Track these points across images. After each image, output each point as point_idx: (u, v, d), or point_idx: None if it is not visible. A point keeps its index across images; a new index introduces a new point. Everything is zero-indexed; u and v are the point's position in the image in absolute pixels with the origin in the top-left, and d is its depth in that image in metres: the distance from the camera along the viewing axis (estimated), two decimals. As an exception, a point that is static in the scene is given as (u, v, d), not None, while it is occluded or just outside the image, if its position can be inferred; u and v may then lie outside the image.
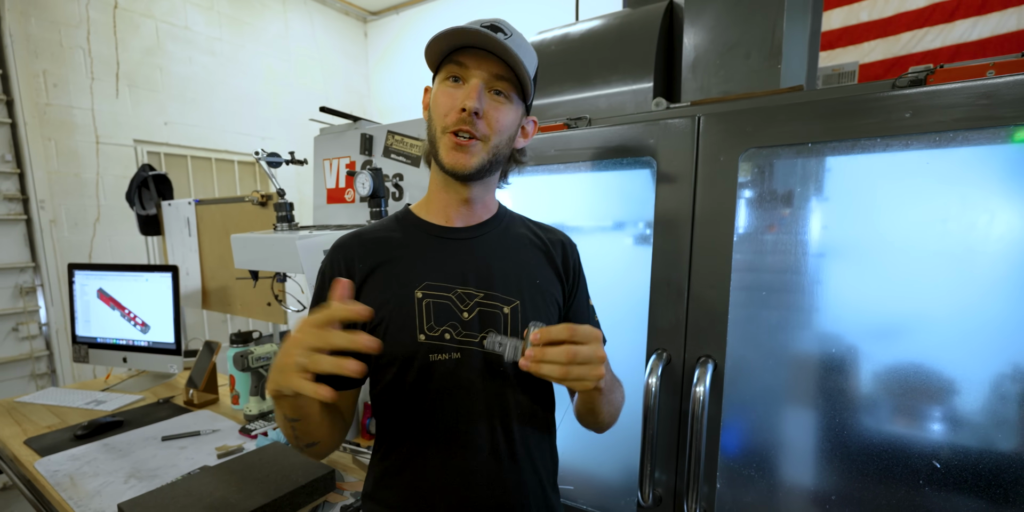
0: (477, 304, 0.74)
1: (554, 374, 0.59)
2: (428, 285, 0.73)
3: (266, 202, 1.88)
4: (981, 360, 0.76)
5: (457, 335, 0.73)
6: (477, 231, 0.79)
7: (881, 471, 0.83)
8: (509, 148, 0.76)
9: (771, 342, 0.93)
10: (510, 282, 0.76)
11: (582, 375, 0.59)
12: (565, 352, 0.58)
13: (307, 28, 4.25)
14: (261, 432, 1.43)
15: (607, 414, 0.78)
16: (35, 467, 1.28)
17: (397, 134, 1.47)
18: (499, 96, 0.70)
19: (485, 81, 0.69)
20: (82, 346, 1.97)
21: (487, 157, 0.71)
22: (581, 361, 0.59)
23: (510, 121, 0.72)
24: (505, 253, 0.79)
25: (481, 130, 0.69)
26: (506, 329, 0.74)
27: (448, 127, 0.69)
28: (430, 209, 0.80)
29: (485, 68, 0.68)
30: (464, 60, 0.69)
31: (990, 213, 0.74)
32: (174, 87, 3.36)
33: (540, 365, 0.59)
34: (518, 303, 0.75)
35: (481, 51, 0.68)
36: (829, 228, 0.87)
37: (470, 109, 0.67)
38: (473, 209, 0.79)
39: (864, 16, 2.50)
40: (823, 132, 0.83)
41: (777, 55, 1.09)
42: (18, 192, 2.70)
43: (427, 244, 0.77)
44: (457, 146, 0.69)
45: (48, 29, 2.77)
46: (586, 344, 0.60)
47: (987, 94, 0.70)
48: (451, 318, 0.73)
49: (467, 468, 0.73)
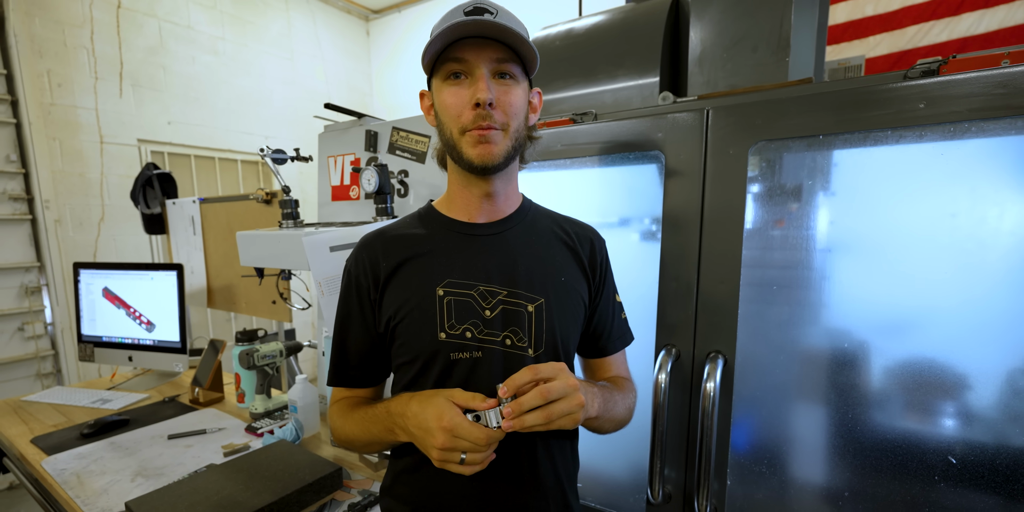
0: (500, 302, 0.73)
1: (539, 421, 0.60)
2: (450, 282, 0.73)
3: (271, 200, 1.88)
4: (994, 354, 0.75)
5: (479, 333, 0.72)
6: (501, 227, 0.78)
7: (895, 467, 0.82)
8: (526, 128, 0.75)
9: (781, 337, 0.92)
10: (534, 279, 0.75)
11: (564, 410, 0.60)
12: (538, 394, 0.59)
13: (309, 27, 4.25)
14: (267, 430, 1.42)
15: (610, 429, 0.79)
16: (42, 466, 1.28)
17: (402, 130, 1.47)
18: (504, 79, 0.69)
19: (489, 69, 0.67)
20: (88, 345, 1.97)
21: (511, 143, 0.70)
22: (557, 397, 0.60)
23: (521, 101, 0.71)
24: (530, 249, 0.77)
25: (499, 119, 0.68)
26: (530, 327, 0.73)
27: (466, 126, 0.68)
28: (452, 206, 0.79)
29: (485, 56, 0.67)
30: (460, 54, 0.67)
31: (1001, 206, 0.73)
32: (177, 86, 3.36)
33: (522, 419, 0.60)
34: (542, 301, 0.74)
35: (474, 39, 0.66)
36: (839, 222, 0.86)
37: (484, 102, 0.66)
38: (496, 203, 0.78)
39: (869, 10, 2.48)
40: (835, 124, 0.82)
41: (785, 48, 1.08)
42: (23, 192, 2.70)
43: (450, 241, 0.76)
44: (481, 138, 0.68)
45: (52, 29, 2.77)
46: (554, 378, 0.61)
47: (1004, 83, 0.69)
48: (473, 316, 0.72)
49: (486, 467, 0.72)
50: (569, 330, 0.77)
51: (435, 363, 0.71)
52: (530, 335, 0.73)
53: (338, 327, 0.80)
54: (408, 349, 0.73)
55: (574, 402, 0.60)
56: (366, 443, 0.76)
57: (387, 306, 0.74)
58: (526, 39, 0.66)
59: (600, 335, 0.84)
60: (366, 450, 0.81)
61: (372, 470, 1.26)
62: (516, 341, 0.72)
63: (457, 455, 0.61)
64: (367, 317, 0.77)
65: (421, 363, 0.72)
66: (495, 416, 0.62)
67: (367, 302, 0.76)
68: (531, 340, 0.73)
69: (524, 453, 0.73)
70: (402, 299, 0.72)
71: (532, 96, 0.77)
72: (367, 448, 0.79)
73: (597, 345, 0.85)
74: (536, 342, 0.73)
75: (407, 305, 0.72)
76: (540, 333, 0.73)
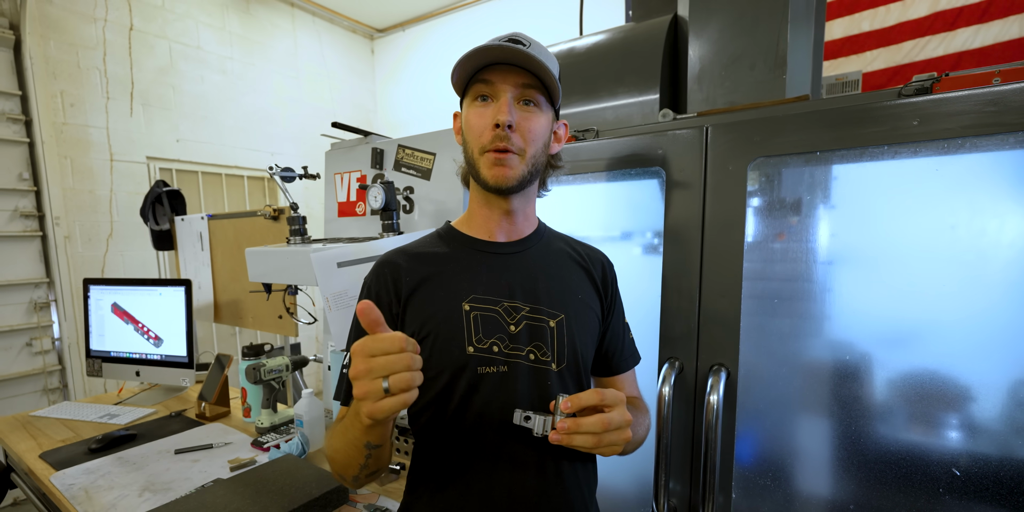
0: (524, 317, 0.74)
1: (587, 444, 0.60)
2: (475, 298, 0.74)
3: (278, 216, 1.90)
4: (997, 366, 0.76)
5: (505, 348, 0.73)
6: (521, 246, 0.80)
7: (900, 479, 0.83)
8: (545, 156, 0.77)
9: (784, 350, 0.92)
10: (554, 296, 0.77)
11: (613, 441, 0.61)
12: (600, 422, 0.59)
13: (315, 46, 4.33)
14: (273, 444, 1.43)
15: (631, 451, 0.79)
16: (51, 481, 1.28)
17: (408, 148, 1.50)
18: (528, 106, 0.72)
19: (513, 94, 0.70)
20: (96, 360, 1.99)
21: (526, 169, 0.73)
22: (614, 428, 0.60)
23: (542, 129, 0.73)
24: (548, 268, 0.79)
25: (516, 143, 0.70)
26: (552, 342, 0.74)
27: (485, 146, 0.71)
28: (472, 225, 0.81)
29: (511, 81, 0.70)
30: (489, 77, 0.70)
31: (1000, 219, 0.75)
32: (186, 105, 3.43)
33: (572, 437, 0.60)
34: (563, 317, 0.76)
35: (505, 66, 0.70)
36: (840, 235, 0.88)
37: (503, 123, 0.68)
38: (515, 222, 0.80)
39: (866, 25, 2.53)
40: (831, 141, 0.84)
41: (782, 65, 1.10)
42: (34, 209, 2.74)
43: (472, 258, 0.78)
44: (497, 161, 0.70)
45: (66, 51, 2.84)
46: (614, 408, 0.61)
47: (994, 101, 0.71)
48: (499, 331, 0.73)
49: (513, 483, 0.72)
50: (587, 346, 0.79)
51: (462, 377, 0.71)
52: (553, 350, 0.74)
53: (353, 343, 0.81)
54: (434, 363, 0.72)
55: (623, 436, 0.61)
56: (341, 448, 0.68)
57: (411, 321, 0.75)
58: (550, 71, 0.69)
59: (613, 354, 0.86)
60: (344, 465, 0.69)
61: (378, 485, 1.26)
62: (540, 355, 0.74)
63: (379, 385, 0.51)
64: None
65: (448, 377, 0.72)
66: (542, 423, 0.62)
67: (387, 317, 0.77)
68: (554, 354, 0.74)
69: (551, 470, 0.74)
70: (427, 314, 0.73)
71: (557, 127, 0.79)
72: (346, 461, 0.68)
73: (610, 364, 0.86)
74: (559, 357, 0.74)
75: (432, 320, 0.73)
76: (562, 348, 0.75)
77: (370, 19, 4.58)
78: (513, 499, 0.72)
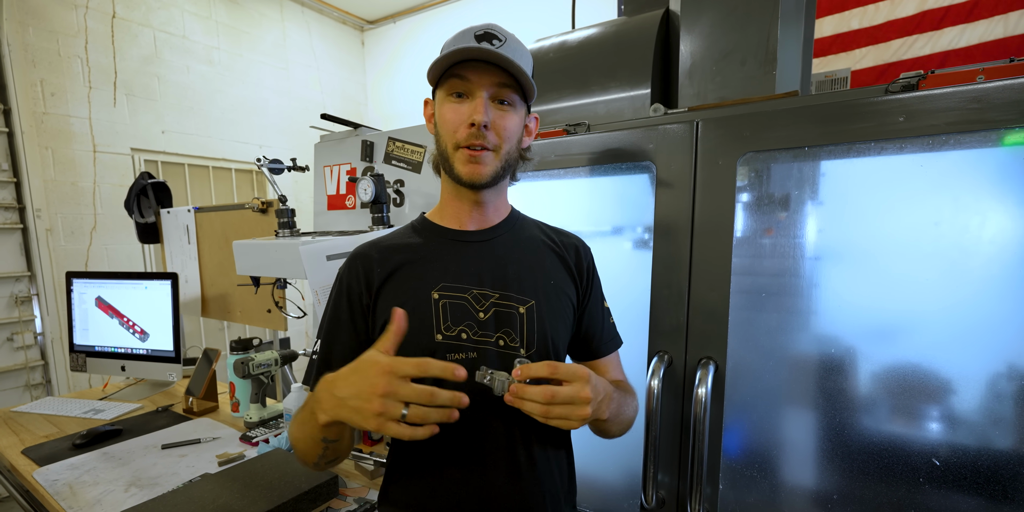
0: (493, 304, 0.75)
1: (535, 412, 0.61)
2: (444, 286, 0.75)
3: (266, 209, 1.88)
4: (977, 359, 0.78)
5: (473, 335, 0.74)
6: (491, 234, 0.81)
7: (882, 470, 0.84)
8: (518, 151, 0.78)
9: (771, 343, 0.94)
10: (525, 282, 0.78)
11: (564, 415, 0.61)
12: (542, 393, 0.60)
13: (304, 37, 4.28)
14: (262, 439, 1.42)
15: (616, 432, 0.80)
16: (33, 477, 1.27)
17: (398, 141, 1.49)
18: (503, 105, 0.73)
19: (489, 93, 0.71)
20: (80, 355, 1.96)
21: (500, 165, 0.74)
22: (561, 402, 0.60)
23: (516, 127, 0.75)
24: (519, 255, 0.80)
25: (492, 141, 0.72)
26: (521, 328, 0.76)
27: (460, 143, 0.72)
28: (444, 215, 0.82)
29: (487, 79, 0.70)
30: (465, 73, 0.71)
31: (982, 215, 0.76)
32: (171, 96, 3.37)
33: (522, 402, 0.61)
34: (533, 303, 0.77)
35: (482, 63, 0.70)
36: (827, 231, 0.89)
37: (479, 123, 0.69)
38: (485, 213, 0.81)
39: (855, 23, 2.54)
40: (819, 136, 0.85)
41: (772, 61, 1.11)
42: (14, 201, 2.69)
43: (442, 247, 0.79)
44: (471, 158, 0.72)
45: (46, 39, 2.78)
46: (570, 383, 0.61)
47: (978, 98, 0.72)
48: (467, 318, 0.75)
49: (485, 467, 0.74)
50: (559, 331, 0.80)
51: None
52: (522, 336, 0.76)
53: (325, 333, 0.81)
54: (404, 352, 0.73)
55: (579, 412, 0.61)
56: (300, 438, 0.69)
57: (381, 311, 0.76)
58: (525, 72, 0.70)
59: (591, 338, 0.86)
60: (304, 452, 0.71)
61: (368, 478, 1.26)
62: (509, 341, 0.75)
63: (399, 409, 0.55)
64: (357, 324, 0.78)
65: None
66: (501, 383, 0.62)
67: (359, 308, 0.78)
68: (523, 340, 0.76)
69: (522, 454, 0.75)
70: (397, 303, 0.74)
71: (529, 121, 0.81)
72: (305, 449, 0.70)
73: (590, 348, 0.87)
74: (528, 342, 0.76)
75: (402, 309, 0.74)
76: (532, 334, 0.76)
77: (360, 10, 4.52)
78: (486, 483, 0.74)
